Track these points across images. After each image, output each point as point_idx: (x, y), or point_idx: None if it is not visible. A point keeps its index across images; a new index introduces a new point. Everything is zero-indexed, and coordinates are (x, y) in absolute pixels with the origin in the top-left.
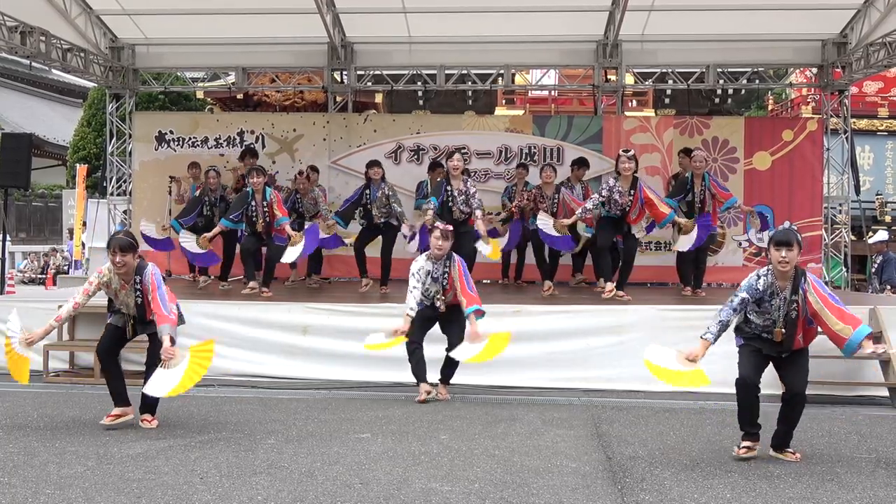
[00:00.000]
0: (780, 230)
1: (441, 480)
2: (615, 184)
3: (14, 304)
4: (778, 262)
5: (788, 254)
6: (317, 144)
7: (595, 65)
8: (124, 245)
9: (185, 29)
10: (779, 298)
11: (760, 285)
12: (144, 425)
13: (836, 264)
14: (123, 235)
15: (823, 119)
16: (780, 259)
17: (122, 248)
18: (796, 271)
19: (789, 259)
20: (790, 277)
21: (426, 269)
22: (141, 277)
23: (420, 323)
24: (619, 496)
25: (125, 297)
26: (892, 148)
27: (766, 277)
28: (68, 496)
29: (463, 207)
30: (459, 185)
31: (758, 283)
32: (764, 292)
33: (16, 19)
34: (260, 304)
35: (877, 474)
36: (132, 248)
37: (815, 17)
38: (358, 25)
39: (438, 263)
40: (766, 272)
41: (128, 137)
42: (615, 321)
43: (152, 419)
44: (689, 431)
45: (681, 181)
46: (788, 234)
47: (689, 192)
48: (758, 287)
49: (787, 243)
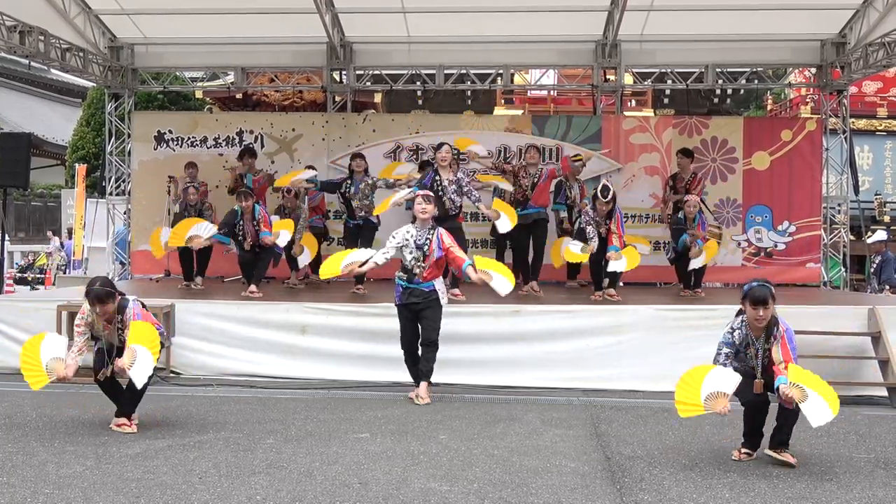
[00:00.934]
0: (755, 286)
1: (440, 480)
2: (593, 214)
3: (15, 303)
4: (755, 319)
5: (765, 312)
6: (316, 144)
7: (594, 65)
8: (102, 296)
9: (184, 28)
10: (754, 348)
11: (736, 338)
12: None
13: (835, 264)
14: (100, 286)
15: (822, 119)
16: (757, 317)
17: (101, 300)
18: (770, 320)
19: (766, 316)
20: (764, 328)
21: (409, 234)
22: (122, 316)
23: (405, 324)
24: (618, 496)
25: (108, 336)
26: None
27: (741, 330)
28: (67, 496)
29: (454, 198)
30: (449, 175)
31: (733, 336)
32: (740, 344)
33: (14, 19)
34: (258, 304)
35: (875, 474)
36: (111, 296)
37: (813, 17)
38: (357, 25)
39: (422, 231)
40: (741, 325)
41: (127, 137)
42: (614, 321)
43: (130, 423)
44: (687, 431)
45: (675, 227)
46: (765, 293)
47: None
48: (734, 342)
49: (764, 302)
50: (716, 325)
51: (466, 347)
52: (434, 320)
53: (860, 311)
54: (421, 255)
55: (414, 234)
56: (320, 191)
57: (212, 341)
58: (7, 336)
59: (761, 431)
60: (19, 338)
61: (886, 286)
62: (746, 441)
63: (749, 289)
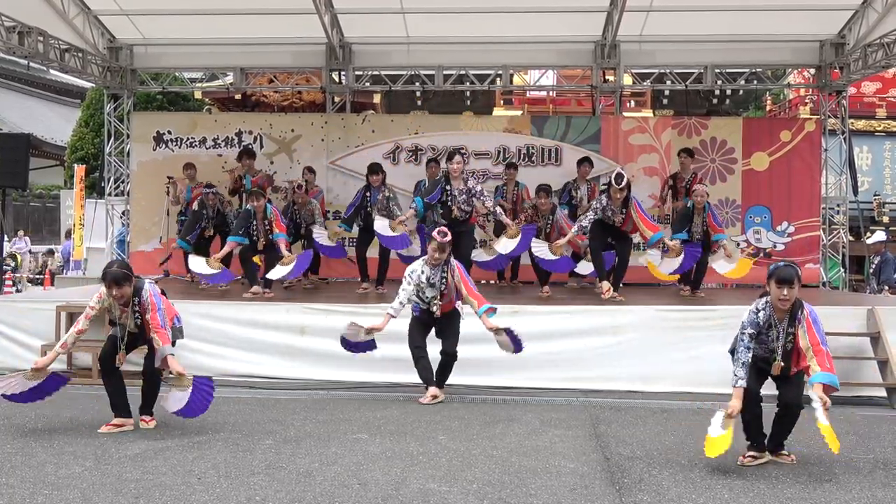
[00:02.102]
0: (783, 266)
1: (439, 481)
2: (608, 203)
3: (14, 304)
4: (778, 300)
5: (790, 292)
6: (315, 145)
7: (593, 65)
8: (119, 278)
9: (183, 29)
10: (776, 330)
11: (761, 318)
12: (143, 426)
13: (834, 265)
14: (118, 268)
15: (821, 120)
16: (782, 297)
17: (118, 282)
18: (794, 303)
19: (790, 297)
20: (788, 310)
21: (423, 274)
22: (139, 298)
23: (419, 328)
24: (617, 496)
25: (125, 319)
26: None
27: (766, 311)
28: (66, 497)
29: (464, 207)
30: (459, 184)
31: (758, 316)
32: (763, 325)
33: (13, 19)
34: (257, 304)
35: (875, 475)
36: (127, 279)
37: (812, 17)
38: (356, 26)
39: (436, 269)
40: (765, 305)
41: (126, 138)
42: (613, 321)
43: (151, 419)
44: (686, 432)
45: (682, 213)
46: (791, 273)
47: (690, 224)
48: (759, 321)
49: (789, 282)
50: (715, 325)
51: (466, 348)
52: (455, 333)
53: (859, 311)
54: (437, 294)
55: (428, 272)
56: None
57: (211, 342)
58: (6, 336)
59: (763, 431)
60: (19, 338)
61: (885, 287)
62: (750, 445)
63: (775, 268)
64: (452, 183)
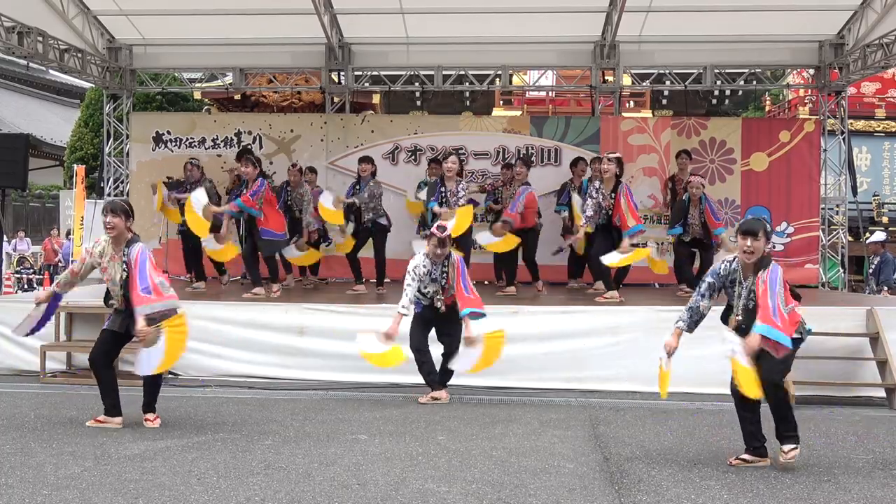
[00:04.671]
0: (747, 219)
1: (438, 481)
2: (600, 186)
3: (14, 304)
4: (742, 252)
5: (754, 243)
6: (314, 145)
7: (592, 66)
8: (116, 207)
9: (182, 29)
10: (740, 287)
11: (722, 270)
12: (148, 425)
13: (834, 265)
14: (121, 201)
15: (820, 120)
16: (745, 248)
17: (114, 210)
18: (761, 261)
19: (754, 249)
20: (753, 267)
21: (425, 268)
22: (129, 250)
23: (420, 328)
24: (617, 497)
25: (113, 269)
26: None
27: (731, 264)
28: (65, 497)
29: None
30: (453, 186)
31: (720, 268)
32: (725, 278)
33: (13, 19)
34: (257, 305)
35: (874, 475)
36: (125, 213)
37: (812, 18)
38: (355, 26)
39: (437, 264)
40: (733, 259)
41: (125, 138)
42: (612, 322)
43: (155, 418)
44: (685, 432)
45: (679, 206)
46: (755, 224)
47: (686, 216)
48: (719, 272)
49: (753, 233)
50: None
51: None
52: (457, 334)
53: (858, 311)
54: (439, 288)
55: (429, 266)
56: None
57: (210, 342)
58: (6, 337)
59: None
60: (18, 338)
61: (885, 287)
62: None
63: (742, 221)
64: (447, 184)
